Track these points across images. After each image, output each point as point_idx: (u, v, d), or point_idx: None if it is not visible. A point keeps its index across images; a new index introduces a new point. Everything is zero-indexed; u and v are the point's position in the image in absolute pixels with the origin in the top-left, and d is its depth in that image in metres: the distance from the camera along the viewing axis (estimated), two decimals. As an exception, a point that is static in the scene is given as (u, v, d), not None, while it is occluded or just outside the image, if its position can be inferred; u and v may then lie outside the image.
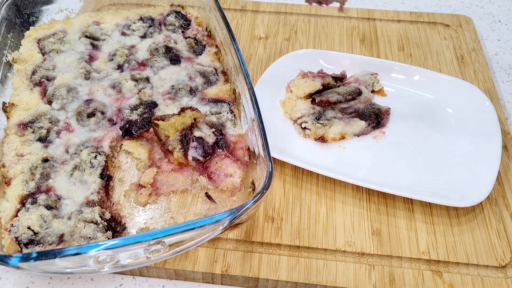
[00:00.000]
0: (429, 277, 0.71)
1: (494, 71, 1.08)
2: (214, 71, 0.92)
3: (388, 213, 0.78)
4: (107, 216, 0.72)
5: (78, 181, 0.75)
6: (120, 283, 0.73)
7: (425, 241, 0.75)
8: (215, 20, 0.95)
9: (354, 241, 0.75)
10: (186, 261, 0.72)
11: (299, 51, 1.00)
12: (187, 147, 0.78)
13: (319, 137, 0.86)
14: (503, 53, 1.13)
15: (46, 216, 0.70)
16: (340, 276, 0.71)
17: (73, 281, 0.73)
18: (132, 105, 0.85)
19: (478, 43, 1.09)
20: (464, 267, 0.72)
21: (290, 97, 0.91)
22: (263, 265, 0.72)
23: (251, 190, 0.74)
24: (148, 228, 0.74)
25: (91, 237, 0.68)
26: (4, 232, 0.69)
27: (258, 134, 0.71)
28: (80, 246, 0.56)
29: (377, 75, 0.96)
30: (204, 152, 0.78)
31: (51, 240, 0.68)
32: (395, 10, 1.18)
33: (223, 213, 0.59)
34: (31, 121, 0.82)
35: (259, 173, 0.71)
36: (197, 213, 0.76)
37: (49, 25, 0.98)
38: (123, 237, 0.58)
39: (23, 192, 0.73)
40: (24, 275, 0.73)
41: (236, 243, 0.74)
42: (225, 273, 0.71)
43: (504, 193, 0.82)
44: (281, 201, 0.80)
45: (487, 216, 0.78)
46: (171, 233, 0.57)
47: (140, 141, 0.83)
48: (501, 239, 0.76)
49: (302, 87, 0.90)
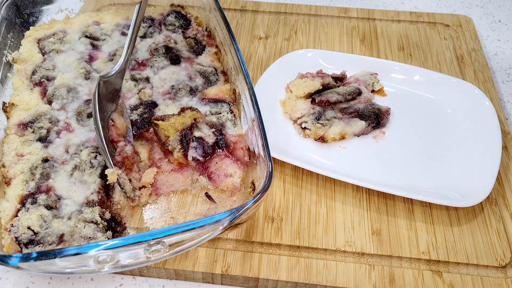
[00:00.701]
0: (429, 277, 0.71)
1: (494, 71, 1.08)
2: (214, 71, 0.92)
3: (388, 213, 0.78)
4: (107, 216, 0.72)
5: (78, 181, 0.75)
6: (120, 283, 0.73)
7: (425, 241, 0.75)
8: (215, 20, 0.95)
9: (354, 241, 0.75)
10: (186, 261, 0.72)
11: (298, 51, 1.00)
12: (187, 147, 0.78)
13: (319, 137, 0.86)
14: (503, 53, 1.13)
15: (46, 216, 0.70)
16: (340, 276, 0.71)
17: (73, 281, 0.73)
18: (132, 105, 0.85)
19: (478, 43, 1.09)
20: (464, 267, 0.72)
21: (290, 97, 0.91)
22: (263, 265, 0.72)
23: (251, 190, 0.74)
24: (148, 228, 0.74)
25: (91, 237, 0.68)
26: (4, 232, 0.69)
27: (258, 134, 0.71)
28: (80, 246, 0.56)
29: (377, 75, 0.96)
30: (204, 152, 0.78)
31: (51, 240, 0.68)
32: (395, 10, 1.18)
33: (223, 213, 0.59)
34: (31, 121, 0.82)
35: (259, 173, 0.71)
36: (197, 213, 0.76)
37: (49, 25, 0.98)
38: (123, 237, 0.57)
39: (23, 192, 0.73)
40: (24, 275, 0.73)
41: (236, 243, 0.74)
42: (225, 273, 0.71)
43: (504, 193, 0.82)
44: (281, 201, 0.80)
45: (487, 216, 0.78)
46: (171, 233, 0.57)
47: (140, 141, 0.83)
48: (501, 239, 0.76)
49: (301, 87, 0.90)
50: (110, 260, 0.58)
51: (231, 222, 0.59)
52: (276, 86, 0.95)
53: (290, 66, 0.97)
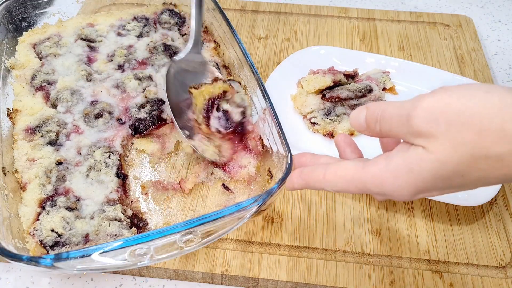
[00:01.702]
0: (429, 277, 0.71)
1: (494, 71, 1.08)
2: (216, 66, 0.92)
3: (388, 213, 0.78)
4: (129, 213, 0.73)
5: (95, 181, 0.75)
6: (120, 283, 0.73)
7: (425, 241, 0.75)
8: (212, 17, 0.95)
9: (354, 241, 0.75)
10: (186, 261, 0.72)
11: (311, 47, 1.00)
12: (209, 116, 0.78)
13: (328, 133, 0.87)
14: (503, 53, 1.13)
15: (68, 217, 0.70)
16: (340, 276, 0.71)
17: (73, 281, 0.73)
18: (138, 103, 0.86)
19: (478, 43, 1.09)
20: (464, 267, 0.72)
21: (301, 92, 0.91)
22: (263, 265, 0.72)
23: (268, 177, 0.75)
24: (169, 222, 0.75)
25: (117, 234, 0.69)
26: (28, 237, 0.69)
27: (272, 122, 0.72)
28: (117, 241, 0.56)
29: (389, 73, 0.95)
30: (226, 126, 0.79)
31: (77, 240, 0.68)
32: (395, 10, 1.18)
33: (250, 200, 0.60)
34: (38, 125, 0.82)
35: (275, 160, 0.72)
36: (217, 204, 0.77)
37: (42, 29, 0.98)
38: (158, 230, 0.58)
39: (41, 195, 0.73)
40: (24, 275, 0.73)
41: (236, 243, 0.74)
42: (225, 273, 0.71)
43: (504, 193, 0.82)
44: (281, 201, 0.80)
45: (487, 216, 0.78)
46: (203, 223, 0.58)
47: (150, 138, 0.84)
48: (501, 239, 0.76)
49: (312, 82, 0.90)
50: (146, 253, 0.58)
51: (258, 208, 0.60)
52: (288, 81, 0.95)
53: (302, 62, 0.97)
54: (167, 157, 0.84)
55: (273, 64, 1.03)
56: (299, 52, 0.99)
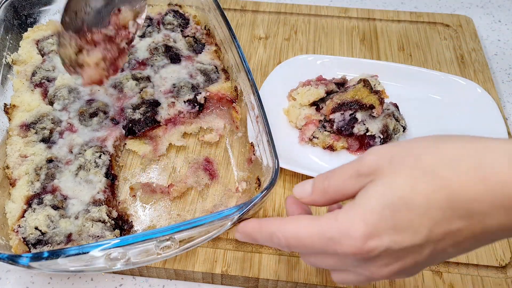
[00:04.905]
0: (429, 277, 0.71)
1: (494, 71, 1.08)
2: (215, 69, 0.92)
3: (388, 213, 0.78)
4: (114, 214, 0.72)
5: (83, 181, 0.75)
6: (120, 283, 0.73)
7: (425, 241, 0.75)
8: (214, 19, 0.95)
9: (354, 241, 0.75)
10: (186, 261, 0.72)
11: (299, 56, 0.99)
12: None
13: (328, 146, 0.86)
14: (503, 53, 1.13)
15: (53, 216, 0.70)
16: (340, 276, 0.71)
17: (73, 281, 0.73)
18: (134, 104, 0.85)
19: (478, 43, 1.09)
20: (464, 267, 0.72)
21: (294, 105, 0.90)
22: (263, 265, 0.72)
23: (257, 186, 0.75)
24: (154, 226, 0.75)
25: (99, 235, 0.68)
26: (11, 233, 0.69)
27: (263, 130, 0.71)
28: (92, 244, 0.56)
29: (377, 77, 0.95)
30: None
31: (59, 239, 0.68)
32: (395, 10, 1.18)
33: (231, 209, 0.59)
34: (33, 122, 0.82)
35: (264, 169, 0.72)
36: (204, 210, 0.77)
37: (47, 26, 0.98)
38: (134, 234, 0.58)
39: (28, 193, 0.73)
40: (24, 275, 0.73)
41: (236, 243, 0.74)
42: (225, 273, 0.71)
43: (504, 193, 0.82)
44: (281, 201, 0.80)
45: (487, 216, 0.78)
46: (181, 229, 0.57)
47: (143, 140, 0.84)
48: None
49: (306, 95, 0.88)
50: (121, 257, 0.58)
51: (239, 217, 0.60)
52: (278, 94, 0.93)
53: (290, 72, 0.95)
54: (158, 159, 0.84)
55: (273, 64, 1.03)
56: (286, 62, 0.98)
